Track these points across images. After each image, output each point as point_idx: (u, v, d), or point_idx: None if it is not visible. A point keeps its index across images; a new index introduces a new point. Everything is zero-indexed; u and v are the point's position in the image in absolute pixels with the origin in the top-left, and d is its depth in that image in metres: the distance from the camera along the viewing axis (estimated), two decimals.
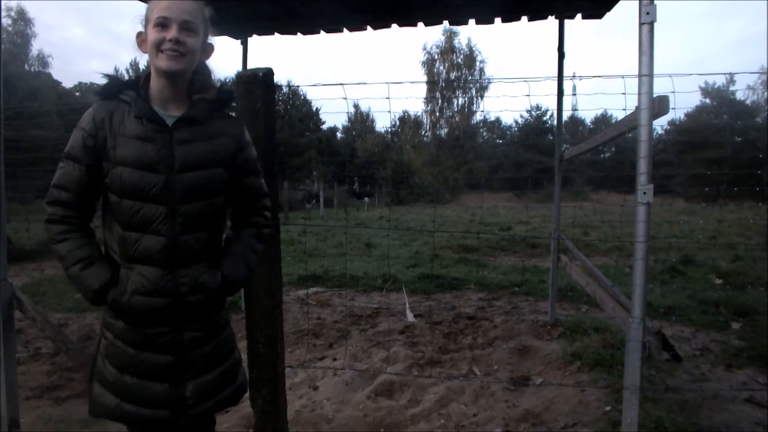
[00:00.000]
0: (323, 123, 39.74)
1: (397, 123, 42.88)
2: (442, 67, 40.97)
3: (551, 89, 4.39)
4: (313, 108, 38.66)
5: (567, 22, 4.41)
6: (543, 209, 16.99)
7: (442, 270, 7.31)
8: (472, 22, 4.60)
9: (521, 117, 41.98)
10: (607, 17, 4.40)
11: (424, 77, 40.55)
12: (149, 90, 1.42)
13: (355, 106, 44.46)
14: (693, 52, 77.13)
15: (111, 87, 1.42)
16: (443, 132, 42.09)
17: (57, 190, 1.39)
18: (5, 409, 2.47)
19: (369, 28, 4.68)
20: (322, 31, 4.90)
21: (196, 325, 1.43)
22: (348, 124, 45.22)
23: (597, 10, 4.31)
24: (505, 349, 3.91)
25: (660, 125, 34.96)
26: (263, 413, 2.05)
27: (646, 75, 1.98)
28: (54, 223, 1.39)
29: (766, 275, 6.14)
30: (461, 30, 41.64)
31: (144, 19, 1.41)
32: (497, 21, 4.55)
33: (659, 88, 2.02)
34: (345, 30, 4.82)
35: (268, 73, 1.92)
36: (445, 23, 4.74)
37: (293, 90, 37.02)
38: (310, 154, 35.63)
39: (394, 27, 4.65)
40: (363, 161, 35.95)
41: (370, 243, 10.22)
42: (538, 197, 26.68)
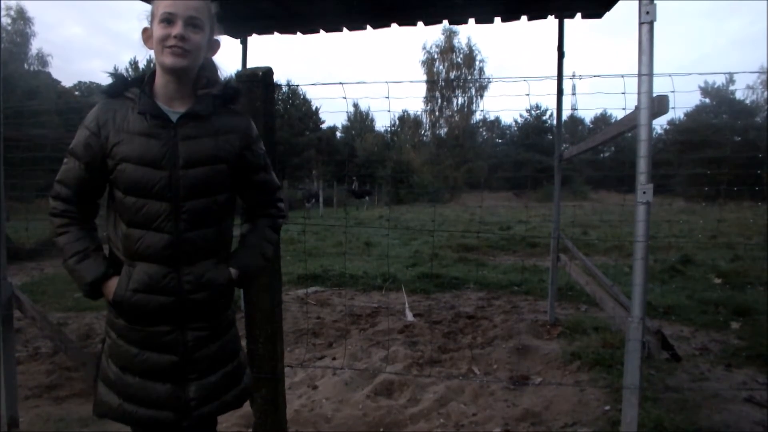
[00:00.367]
0: (323, 122, 39.68)
1: (397, 122, 42.82)
2: (441, 67, 40.93)
3: (551, 89, 4.41)
4: (313, 107, 38.57)
5: (567, 21, 4.42)
6: (542, 209, 17.02)
7: (441, 269, 7.31)
8: (471, 21, 4.60)
9: (521, 116, 42.01)
10: (607, 17, 4.41)
11: (423, 76, 40.60)
12: (154, 87, 1.41)
13: (355, 105, 44.31)
14: (693, 51, 77.13)
15: (117, 85, 1.42)
16: (443, 131, 42.04)
17: (59, 185, 1.42)
18: (4, 408, 2.47)
19: (369, 27, 4.68)
20: (321, 30, 4.89)
21: (200, 324, 1.41)
22: (347, 123, 45.14)
23: (597, 9, 4.31)
24: (505, 349, 3.92)
25: (660, 125, 34.86)
26: (263, 412, 2.06)
27: (645, 74, 1.98)
28: (55, 216, 1.42)
29: (765, 275, 6.15)
30: (461, 29, 41.71)
31: (150, 15, 1.41)
32: (497, 20, 4.55)
33: (659, 87, 2.03)
34: (345, 29, 4.82)
35: (267, 72, 1.92)
36: (445, 22, 4.74)
37: (293, 89, 36.94)
38: (309, 153, 35.60)
39: (393, 26, 4.64)
40: (362, 160, 35.87)
41: (369, 242, 10.22)
42: (537, 196, 26.70)
